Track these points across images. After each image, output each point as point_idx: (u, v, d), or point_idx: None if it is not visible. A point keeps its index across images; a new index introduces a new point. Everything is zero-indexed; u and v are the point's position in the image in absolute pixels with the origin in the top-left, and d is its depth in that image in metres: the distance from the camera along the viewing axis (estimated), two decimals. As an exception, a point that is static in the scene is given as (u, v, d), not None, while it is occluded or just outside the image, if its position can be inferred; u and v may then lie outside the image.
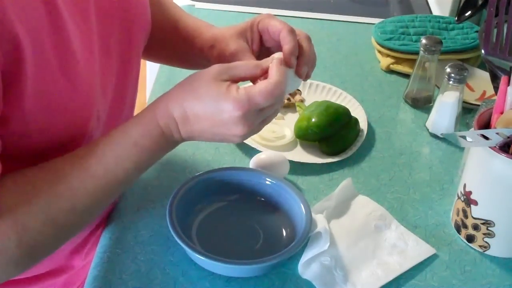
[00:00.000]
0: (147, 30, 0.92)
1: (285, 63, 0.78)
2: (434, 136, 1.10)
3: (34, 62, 0.67)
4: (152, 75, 1.89)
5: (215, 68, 0.75)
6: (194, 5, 1.47)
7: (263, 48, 0.88)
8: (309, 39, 0.84)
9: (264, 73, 0.76)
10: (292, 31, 0.82)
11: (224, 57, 0.87)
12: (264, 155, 0.96)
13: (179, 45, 0.97)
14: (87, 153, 0.74)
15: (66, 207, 0.72)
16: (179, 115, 0.75)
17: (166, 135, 0.76)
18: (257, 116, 0.74)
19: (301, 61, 0.81)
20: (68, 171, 0.73)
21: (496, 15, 0.95)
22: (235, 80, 0.75)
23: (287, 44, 0.80)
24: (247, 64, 0.77)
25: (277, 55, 0.79)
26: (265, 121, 0.77)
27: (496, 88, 0.94)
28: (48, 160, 0.74)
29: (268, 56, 0.80)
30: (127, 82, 0.89)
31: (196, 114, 0.74)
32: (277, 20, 0.84)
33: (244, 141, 1.03)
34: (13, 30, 0.63)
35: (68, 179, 0.72)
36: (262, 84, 0.73)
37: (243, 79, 0.76)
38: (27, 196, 0.70)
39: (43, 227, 0.71)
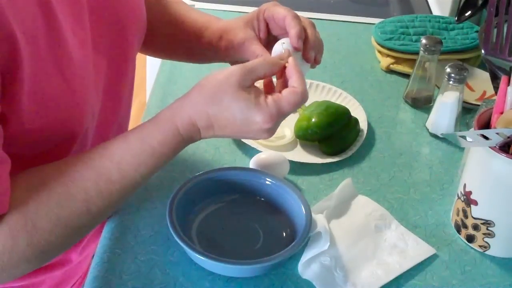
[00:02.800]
0: (141, 31, 0.92)
1: (293, 47, 0.79)
2: (434, 136, 1.10)
3: (31, 62, 0.67)
4: (152, 75, 1.89)
5: (237, 73, 0.74)
6: (194, 5, 1.47)
7: (270, 37, 0.88)
8: (313, 25, 0.85)
9: (282, 69, 0.77)
10: (296, 17, 0.83)
11: (232, 47, 0.88)
12: (264, 155, 0.96)
13: (187, 40, 0.97)
14: (103, 156, 0.74)
15: (79, 210, 0.72)
16: (203, 124, 0.75)
17: (186, 139, 0.77)
18: (281, 121, 0.76)
19: (307, 46, 0.82)
20: (83, 174, 0.73)
21: (496, 15, 0.95)
22: (256, 81, 0.76)
23: (292, 28, 0.81)
24: (263, 64, 0.76)
25: (285, 41, 0.80)
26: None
27: (496, 88, 0.94)
28: (46, 160, 0.74)
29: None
30: (122, 83, 0.89)
31: (222, 124, 0.75)
32: (282, 7, 0.85)
33: (244, 141, 1.03)
34: (10, 30, 0.63)
35: (82, 182, 0.72)
36: (290, 95, 0.74)
37: (264, 78, 0.77)
38: (39, 196, 0.70)
39: (55, 227, 0.71)
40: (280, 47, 0.82)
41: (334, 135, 1.03)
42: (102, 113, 0.85)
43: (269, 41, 0.88)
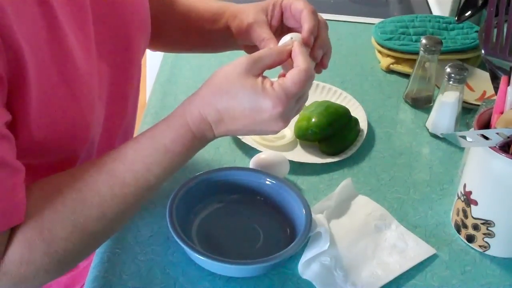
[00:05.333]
0: (146, 36, 0.91)
1: (303, 42, 0.78)
2: (434, 136, 1.10)
3: (36, 71, 0.66)
4: (152, 75, 1.89)
5: (243, 63, 0.73)
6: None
7: (284, 28, 0.88)
8: (327, 26, 0.84)
9: (289, 57, 0.75)
10: (314, 12, 0.82)
11: (241, 28, 0.87)
12: (264, 155, 0.96)
13: (202, 27, 0.96)
14: (115, 159, 0.73)
15: (95, 215, 0.71)
16: (213, 118, 0.73)
17: (198, 137, 0.75)
18: (294, 107, 0.74)
19: (316, 44, 0.81)
20: (96, 178, 0.72)
21: (496, 15, 0.95)
22: (264, 70, 0.74)
23: (307, 22, 0.80)
24: (271, 52, 0.75)
25: (294, 36, 0.79)
26: (300, 108, 0.76)
27: (496, 88, 0.94)
28: (53, 169, 0.73)
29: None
30: (127, 89, 0.88)
31: (232, 116, 0.72)
32: (301, 0, 0.84)
33: (244, 141, 1.03)
34: (15, 39, 0.63)
35: (96, 187, 0.71)
36: (294, 74, 0.72)
37: (271, 67, 0.75)
38: (54, 204, 0.69)
39: (71, 234, 0.70)
40: (288, 38, 0.80)
41: (334, 135, 1.03)
42: (107, 119, 0.84)
43: (281, 32, 0.87)
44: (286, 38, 0.80)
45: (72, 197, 0.70)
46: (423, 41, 1.12)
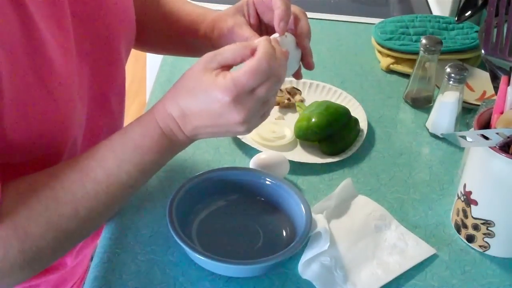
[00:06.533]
0: (130, 37, 0.90)
1: (276, 28, 0.78)
2: (434, 136, 1.10)
3: (8, 70, 0.65)
4: (152, 75, 1.89)
5: (203, 58, 0.73)
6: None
7: (262, 25, 0.87)
8: (305, 14, 0.83)
9: (253, 53, 0.72)
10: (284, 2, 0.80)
11: (223, 35, 0.87)
12: (264, 155, 0.96)
13: (184, 35, 0.96)
14: (88, 157, 0.73)
15: (67, 212, 0.71)
16: (177, 114, 0.73)
17: (168, 135, 0.75)
18: (250, 99, 0.70)
19: (302, 33, 0.81)
20: (69, 176, 0.72)
21: (496, 15, 0.95)
22: (226, 67, 0.72)
23: (277, 8, 0.79)
24: (235, 46, 0.73)
25: (287, 34, 0.78)
26: (267, 104, 0.73)
27: (496, 88, 0.94)
28: (35, 170, 0.73)
29: (268, 35, 0.79)
30: (110, 90, 0.87)
31: (192, 110, 0.72)
32: None
33: (244, 141, 1.03)
34: None
35: (69, 184, 0.71)
36: (246, 64, 0.70)
37: (234, 63, 0.72)
38: (28, 201, 0.69)
39: (45, 232, 0.70)
40: (275, 36, 0.79)
41: (334, 135, 1.03)
42: (89, 121, 0.83)
43: (261, 29, 0.87)
44: (274, 36, 0.79)
45: (46, 194, 0.70)
46: (423, 41, 1.12)
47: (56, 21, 0.73)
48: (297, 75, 0.87)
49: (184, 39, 0.97)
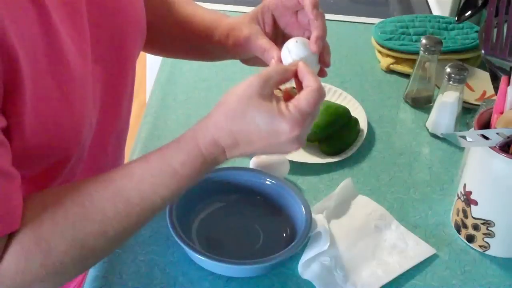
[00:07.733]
0: (141, 40, 0.90)
1: (312, 46, 0.77)
2: (434, 136, 1.10)
3: (31, 75, 0.65)
4: (152, 75, 1.89)
5: (255, 84, 0.71)
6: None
7: (278, 31, 0.86)
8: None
9: (294, 76, 0.74)
10: (315, 5, 0.79)
11: (239, 44, 0.86)
12: (264, 155, 0.96)
13: (197, 39, 0.95)
14: (123, 177, 0.71)
15: (96, 231, 0.69)
16: (228, 143, 0.71)
17: (209, 161, 0.72)
18: (309, 126, 0.72)
19: (325, 50, 0.81)
20: (102, 194, 0.70)
21: (496, 15, 0.95)
22: (274, 88, 0.73)
23: (316, 28, 0.78)
24: (278, 71, 0.73)
25: (299, 40, 0.77)
26: (311, 125, 0.74)
27: (496, 88, 0.94)
28: (44, 173, 0.73)
29: (284, 42, 0.78)
30: (121, 92, 0.87)
31: (249, 140, 0.71)
32: None
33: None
34: (10, 43, 0.62)
35: (101, 203, 0.70)
36: (308, 95, 0.70)
37: (280, 85, 0.74)
38: (55, 216, 0.68)
39: (70, 248, 0.68)
40: (293, 43, 0.78)
41: (334, 135, 1.03)
42: (100, 123, 0.82)
43: (277, 35, 0.86)
44: (290, 43, 0.78)
45: (74, 211, 0.69)
46: (423, 41, 1.12)
47: (73, 23, 0.73)
48: (322, 73, 0.86)
49: (198, 44, 0.95)
